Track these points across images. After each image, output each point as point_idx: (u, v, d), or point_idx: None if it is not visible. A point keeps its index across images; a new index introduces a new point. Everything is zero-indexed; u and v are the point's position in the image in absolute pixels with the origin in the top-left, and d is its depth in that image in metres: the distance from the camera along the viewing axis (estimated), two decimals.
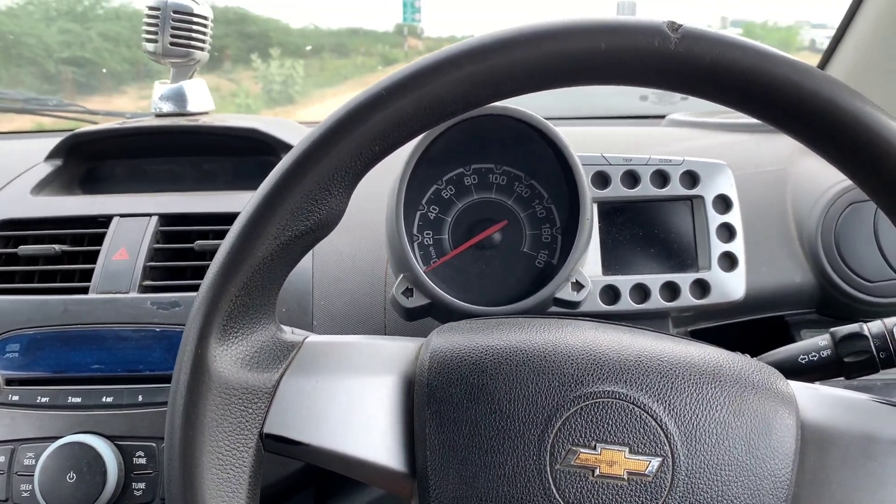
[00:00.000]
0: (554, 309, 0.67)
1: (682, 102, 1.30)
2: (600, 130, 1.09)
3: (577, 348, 0.47)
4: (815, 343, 0.63)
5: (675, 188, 0.73)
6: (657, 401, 0.45)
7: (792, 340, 0.86)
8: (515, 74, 0.44)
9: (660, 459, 0.44)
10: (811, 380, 0.62)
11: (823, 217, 0.85)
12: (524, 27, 0.44)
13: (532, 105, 0.65)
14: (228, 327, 0.46)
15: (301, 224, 0.46)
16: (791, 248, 0.87)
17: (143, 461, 0.71)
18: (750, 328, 0.87)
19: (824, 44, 1.09)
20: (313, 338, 0.51)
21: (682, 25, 0.43)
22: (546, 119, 0.67)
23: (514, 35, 0.44)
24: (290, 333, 0.51)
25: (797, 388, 0.49)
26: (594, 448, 0.45)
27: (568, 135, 0.68)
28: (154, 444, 0.71)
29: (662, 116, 1.20)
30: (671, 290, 0.72)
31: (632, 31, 0.43)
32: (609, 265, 0.73)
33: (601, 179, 0.73)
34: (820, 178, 0.90)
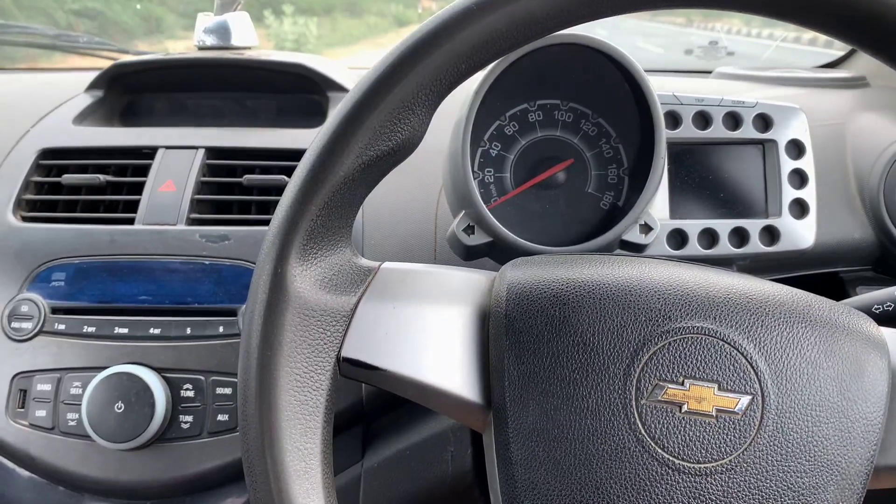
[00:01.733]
0: (618, 252, 0.65)
1: (728, 58, 1.27)
2: (657, 80, 1.06)
3: (663, 283, 0.46)
4: (890, 293, 0.61)
5: (748, 131, 0.70)
6: (747, 338, 0.44)
7: (847, 296, 0.84)
8: None
9: (749, 397, 0.43)
10: None
11: (885, 174, 0.83)
12: None
13: None
14: (308, 247, 0.44)
15: (383, 144, 0.44)
16: (851, 203, 0.84)
17: (190, 394, 0.70)
18: (803, 284, 0.85)
19: None
20: (389, 264, 0.49)
21: None
22: None
23: None
24: (366, 259, 0.49)
25: (888, 333, 0.48)
26: (682, 384, 0.43)
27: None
28: (202, 378, 0.70)
29: (708, 72, 1.17)
30: (740, 236, 0.70)
31: None
32: (676, 209, 0.71)
33: (672, 119, 0.71)
34: (881, 133, 0.87)
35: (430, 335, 0.46)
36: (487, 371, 0.45)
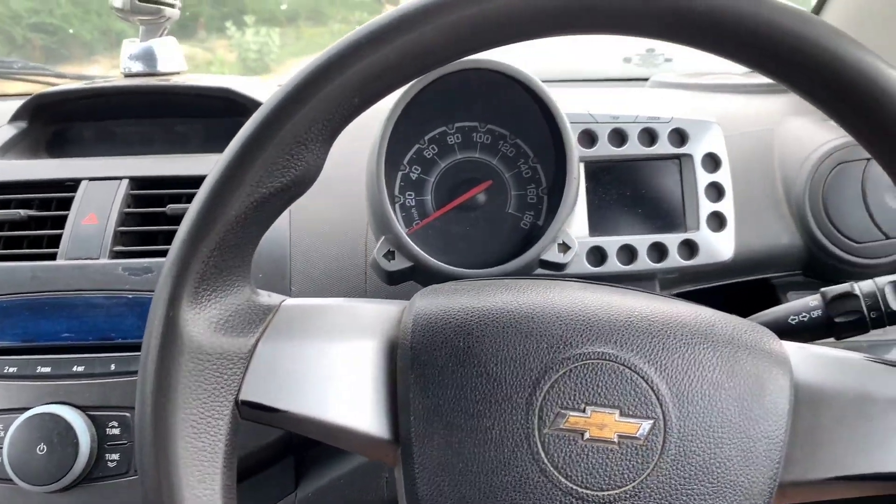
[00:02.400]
0: (540, 271, 0.65)
1: (666, 64, 1.28)
2: (584, 91, 1.07)
3: (565, 309, 0.46)
4: (805, 303, 0.62)
5: (664, 146, 0.71)
6: (648, 362, 0.44)
7: (778, 303, 0.85)
8: (505, 22, 0.42)
9: (651, 422, 0.43)
10: (801, 340, 0.61)
11: (811, 178, 0.84)
12: None
13: None
14: (201, 289, 0.44)
15: (276, 180, 0.44)
16: (778, 209, 0.86)
17: (116, 431, 0.69)
18: (736, 291, 0.86)
19: None
20: (291, 301, 0.48)
21: None
22: None
23: None
24: (267, 296, 0.49)
25: (790, 348, 0.48)
26: (584, 411, 0.43)
27: (555, 96, 0.66)
28: (128, 414, 0.69)
29: (646, 79, 1.18)
30: (659, 251, 0.71)
31: None
32: (596, 226, 0.71)
33: (588, 138, 0.71)
34: (807, 138, 0.88)
35: (334, 372, 0.45)
36: (395, 405, 0.45)
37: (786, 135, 0.90)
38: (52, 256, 0.74)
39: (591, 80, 1.21)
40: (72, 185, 0.79)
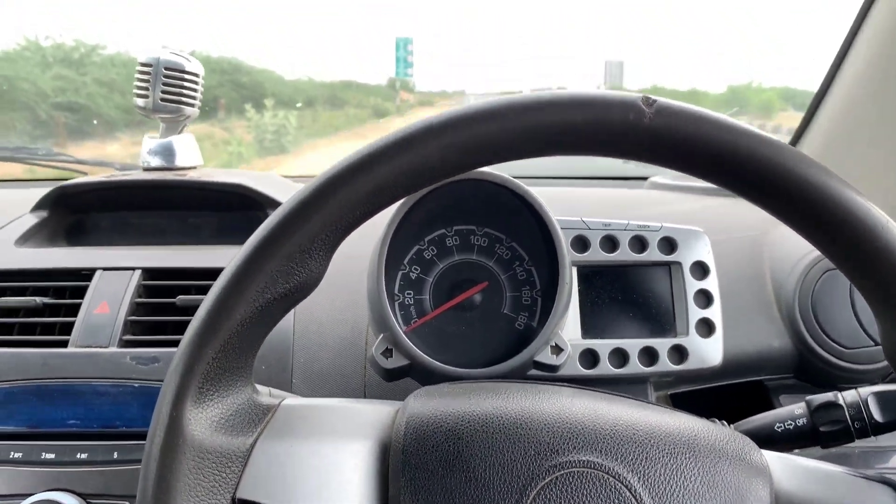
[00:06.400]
0: (533, 372, 0.67)
1: None
2: (581, 192, 1.11)
3: (552, 416, 0.47)
4: (790, 411, 0.63)
5: (654, 254, 0.74)
6: (632, 471, 0.45)
7: (770, 405, 0.86)
8: (494, 144, 0.45)
9: None
10: (788, 448, 0.62)
11: (800, 283, 0.86)
12: (503, 100, 0.46)
13: (514, 164, 0.67)
14: (204, 390, 0.46)
15: (280, 287, 0.46)
16: (769, 312, 0.87)
17: None
18: (729, 392, 0.87)
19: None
20: (289, 400, 0.51)
21: (656, 100, 0.45)
22: (528, 178, 0.68)
23: (494, 107, 0.45)
24: (267, 396, 0.51)
25: (771, 458, 0.49)
26: None
27: (548, 196, 0.69)
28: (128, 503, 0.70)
29: (645, 178, 1.22)
30: (649, 355, 0.73)
31: (607, 105, 0.45)
32: (588, 328, 0.73)
33: (580, 243, 0.74)
34: (797, 243, 0.91)
35: (329, 472, 0.47)
36: None
37: (776, 239, 0.93)
38: (64, 343, 0.76)
39: (591, 177, 1.26)
40: (87, 273, 0.82)
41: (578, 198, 1.06)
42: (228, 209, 0.96)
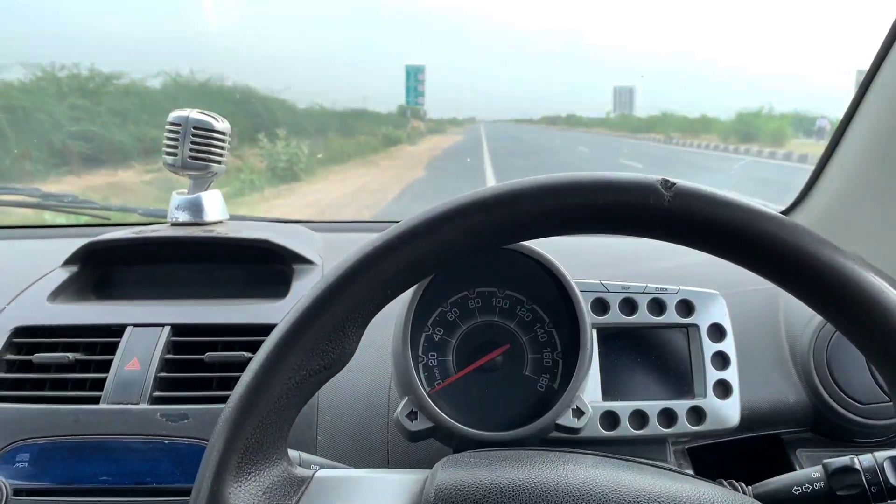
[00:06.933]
0: (555, 434, 0.69)
1: None
2: (598, 242, 1.12)
3: (577, 487, 0.49)
4: (807, 475, 0.64)
5: (671, 316, 0.76)
6: None
7: (787, 459, 0.87)
8: (518, 225, 0.48)
9: None
10: None
11: (815, 338, 0.87)
12: (527, 182, 0.48)
13: None
14: (243, 465, 0.48)
15: (315, 363, 0.48)
16: (785, 367, 0.89)
17: None
18: (746, 446, 0.88)
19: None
20: (323, 472, 0.52)
21: (675, 184, 0.47)
22: None
23: (518, 189, 0.48)
24: (298, 463, 0.53)
25: None
26: None
27: (565, 251, 0.71)
28: None
29: None
30: (668, 417, 0.74)
31: (628, 188, 0.47)
32: (608, 390, 0.75)
33: (600, 306, 0.76)
34: None
35: None
36: None
37: (790, 295, 0.94)
38: (96, 400, 0.78)
39: None
40: (117, 330, 0.84)
41: (596, 250, 1.07)
42: (254, 262, 0.98)
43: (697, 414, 0.74)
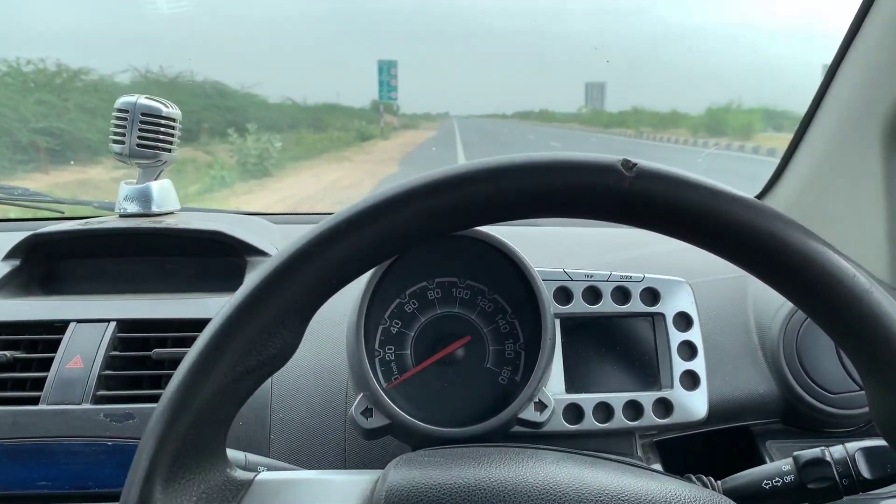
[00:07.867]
0: (517, 428, 0.66)
1: None
2: (562, 233, 1.10)
3: (535, 486, 0.46)
4: (778, 468, 0.62)
5: (636, 305, 0.73)
6: None
7: (757, 451, 0.85)
8: (470, 209, 0.45)
9: None
10: None
11: (784, 328, 0.85)
12: (482, 163, 0.45)
13: None
14: (175, 468, 0.44)
15: (252, 359, 0.45)
16: (754, 357, 0.87)
17: None
18: (715, 437, 0.86)
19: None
20: (263, 475, 0.49)
21: (636, 164, 0.44)
22: None
23: (472, 171, 0.44)
24: (241, 465, 0.49)
25: None
26: None
27: (528, 239, 0.68)
28: None
29: None
30: (634, 409, 0.72)
31: (586, 169, 0.44)
32: (572, 382, 0.72)
33: (563, 295, 0.73)
34: None
35: None
36: None
37: (758, 283, 0.92)
38: (35, 400, 0.74)
39: None
40: (60, 326, 0.80)
41: (559, 240, 1.05)
42: (206, 255, 0.94)
43: (664, 406, 0.72)
